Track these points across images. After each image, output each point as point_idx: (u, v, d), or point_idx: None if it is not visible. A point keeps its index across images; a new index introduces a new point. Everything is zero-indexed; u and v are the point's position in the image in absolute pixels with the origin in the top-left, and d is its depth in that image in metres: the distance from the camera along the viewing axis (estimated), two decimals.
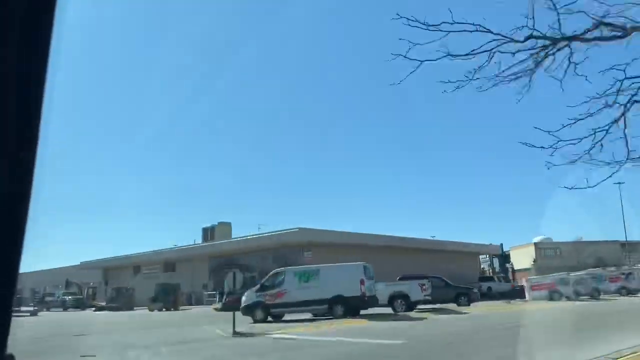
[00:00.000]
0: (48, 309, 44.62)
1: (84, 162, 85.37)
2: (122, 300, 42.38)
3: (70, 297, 49.91)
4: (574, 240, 55.53)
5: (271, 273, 21.47)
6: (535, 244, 56.11)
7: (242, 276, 18.36)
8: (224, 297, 32.10)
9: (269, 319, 20.58)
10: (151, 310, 37.20)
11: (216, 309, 31.94)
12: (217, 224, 44.91)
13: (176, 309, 37.83)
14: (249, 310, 20.79)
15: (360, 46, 73.11)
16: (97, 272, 56.51)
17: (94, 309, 43.82)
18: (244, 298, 21.15)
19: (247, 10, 65.04)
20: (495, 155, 78.93)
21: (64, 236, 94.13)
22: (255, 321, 20.49)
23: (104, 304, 43.39)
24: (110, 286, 54.90)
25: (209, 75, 68.84)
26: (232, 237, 43.86)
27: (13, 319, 1.14)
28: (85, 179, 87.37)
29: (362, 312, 20.47)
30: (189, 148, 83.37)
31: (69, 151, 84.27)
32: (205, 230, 45.35)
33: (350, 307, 19.68)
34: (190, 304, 41.15)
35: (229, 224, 45.16)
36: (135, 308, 42.05)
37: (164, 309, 37.22)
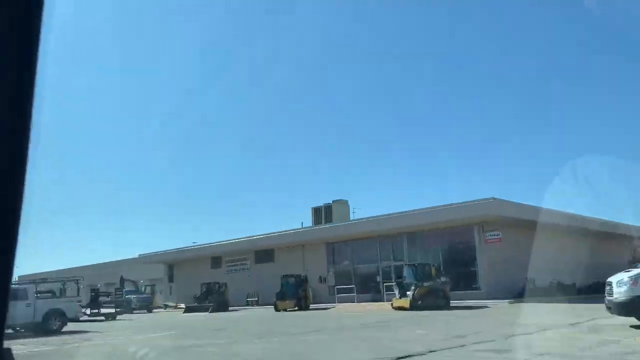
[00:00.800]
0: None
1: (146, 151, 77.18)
2: (215, 299, 33.33)
3: (134, 296, 40.88)
4: None
5: None
6: None
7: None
8: (412, 289, 23.42)
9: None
10: (277, 310, 28.25)
11: (401, 307, 23.11)
12: (331, 202, 35.73)
13: (307, 307, 28.99)
14: (636, 307, 12.07)
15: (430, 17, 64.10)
16: (159, 266, 47.27)
17: (182, 310, 34.78)
18: (622, 288, 12.34)
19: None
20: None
21: (125, 229, 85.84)
22: None
23: (193, 304, 34.30)
24: (177, 283, 45.92)
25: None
26: (351, 218, 35.01)
27: None
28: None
29: None
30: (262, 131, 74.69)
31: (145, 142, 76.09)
32: (316, 210, 35.98)
33: None
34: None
35: (345, 202, 35.96)
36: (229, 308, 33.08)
37: (296, 308, 28.38)
